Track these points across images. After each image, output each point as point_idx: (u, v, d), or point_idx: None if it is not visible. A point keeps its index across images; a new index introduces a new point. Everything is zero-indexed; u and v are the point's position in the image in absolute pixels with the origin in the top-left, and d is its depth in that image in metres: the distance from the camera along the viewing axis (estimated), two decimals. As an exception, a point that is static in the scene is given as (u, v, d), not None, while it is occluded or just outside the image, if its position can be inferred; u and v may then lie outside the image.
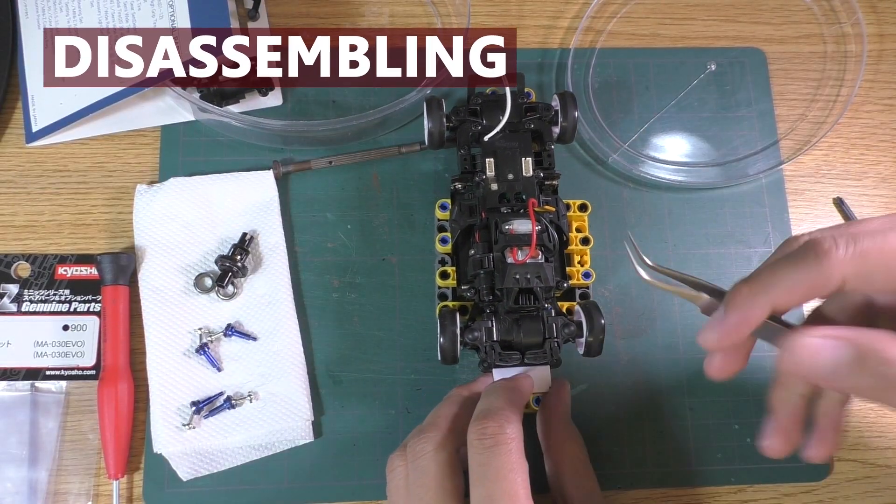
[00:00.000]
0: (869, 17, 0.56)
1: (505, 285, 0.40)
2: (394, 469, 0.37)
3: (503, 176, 0.43)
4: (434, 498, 0.35)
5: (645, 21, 0.55)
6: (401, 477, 0.37)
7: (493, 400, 0.36)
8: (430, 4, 0.53)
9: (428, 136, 0.45)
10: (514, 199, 0.42)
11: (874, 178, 0.52)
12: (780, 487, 0.45)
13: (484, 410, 0.36)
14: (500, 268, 0.40)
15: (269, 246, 0.46)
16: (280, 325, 0.45)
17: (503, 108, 0.44)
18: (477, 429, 0.35)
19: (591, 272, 0.46)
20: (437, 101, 0.45)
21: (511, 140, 0.44)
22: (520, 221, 0.41)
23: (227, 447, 0.43)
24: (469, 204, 0.44)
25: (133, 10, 0.47)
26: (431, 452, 0.36)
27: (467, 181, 0.44)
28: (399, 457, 0.38)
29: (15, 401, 0.43)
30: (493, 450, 0.34)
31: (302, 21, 0.52)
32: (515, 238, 0.40)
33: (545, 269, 0.40)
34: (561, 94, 0.46)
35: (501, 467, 0.33)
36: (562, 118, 0.45)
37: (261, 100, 0.49)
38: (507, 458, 0.34)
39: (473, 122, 0.45)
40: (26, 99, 0.48)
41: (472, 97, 0.46)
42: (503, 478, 0.33)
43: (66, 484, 0.42)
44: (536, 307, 0.40)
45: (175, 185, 0.46)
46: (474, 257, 0.42)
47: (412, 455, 0.36)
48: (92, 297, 0.45)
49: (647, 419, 0.46)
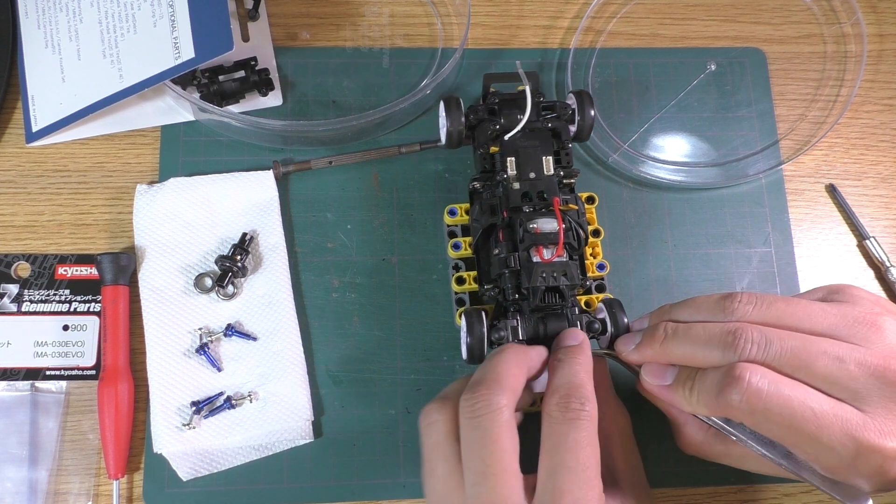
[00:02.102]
0: (869, 17, 0.56)
1: (532, 284, 0.40)
2: (433, 422, 0.36)
3: (525, 175, 0.43)
4: (492, 457, 0.33)
5: (645, 21, 0.55)
6: (443, 432, 0.35)
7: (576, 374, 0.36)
8: (430, 4, 0.53)
9: (446, 136, 0.45)
10: (537, 198, 0.42)
11: (874, 178, 0.53)
12: (780, 487, 0.45)
13: (569, 383, 0.35)
14: (526, 267, 0.40)
15: (269, 246, 0.46)
16: (280, 325, 0.45)
17: (522, 107, 0.44)
18: (560, 401, 0.34)
19: (606, 263, 0.46)
20: (455, 99, 0.45)
21: (531, 139, 0.44)
22: (545, 220, 0.41)
23: (227, 447, 0.43)
24: (490, 203, 0.43)
25: (133, 10, 0.47)
26: (494, 412, 0.34)
27: (487, 181, 0.44)
28: (438, 410, 0.36)
29: (15, 401, 0.43)
30: (576, 423, 0.33)
31: (302, 21, 0.52)
32: (541, 237, 0.40)
33: (571, 267, 0.40)
34: (577, 92, 0.45)
35: (583, 439, 0.33)
36: (579, 116, 0.45)
37: (261, 100, 0.49)
38: (589, 433, 0.33)
39: (492, 121, 0.45)
40: (26, 99, 0.48)
41: (489, 96, 0.46)
42: (583, 448, 0.33)
43: (66, 484, 0.42)
44: (562, 305, 0.41)
45: (175, 185, 0.46)
46: (499, 257, 0.42)
47: (470, 412, 0.34)
48: (92, 297, 0.45)
49: (647, 419, 0.46)
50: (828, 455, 0.33)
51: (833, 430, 0.32)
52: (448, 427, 0.35)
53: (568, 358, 0.37)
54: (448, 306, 0.47)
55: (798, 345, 0.34)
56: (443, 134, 0.46)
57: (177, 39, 0.46)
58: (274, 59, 0.50)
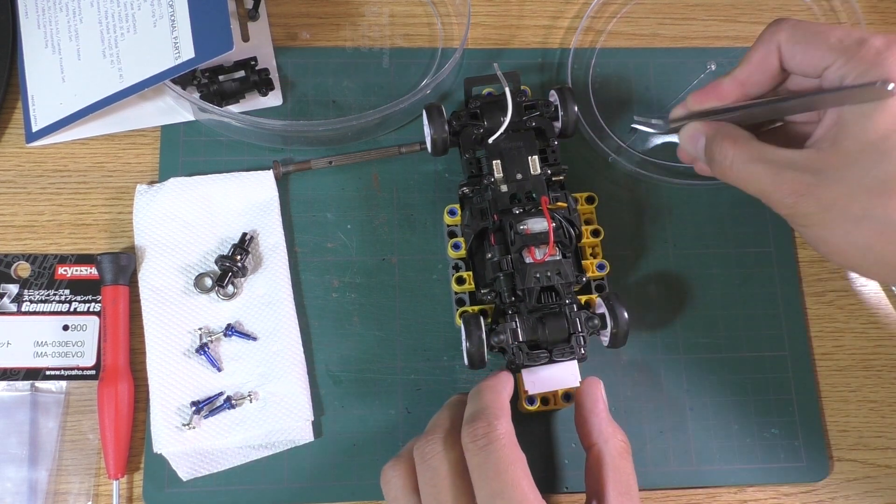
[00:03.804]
0: (869, 17, 0.56)
1: (526, 285, 0.40)
2: (389, 480, 0.37)
3: (512, 176, 0.43)
4: (448, 497, 0.35)
5: (645, 21, 0.55)
6: (399, 486, 0.37)
7: (478, 402, 0.37)
8: (430, 4, 0.53)
9: (431, 144, 0.45)
10: (526, 199, 0.42)
11: (874, 178, 0.52)
12: (780, 487, 0.45)
13: (472, 413, 0.36)
14: (519, 268, 0.41)
15: (269, 246, 0.46)
16: (280, 325, 0.45)
17: (504, 109, 0.44)
18: (468, 432, 0.35)
19: (606, 263, 0.46)
20: (437, 107, 0.45)
21: (515, 140, 0.44)
22: (534, 220, 0.41)
23: (227, 447, 0.43)
24: (480, 207, 0.44)
25: (133, 10, 0.47)
26: (442, 452, 0.36)
27: (475, 185, 0.44)
28: (392, 467, 0.38)
29: (15, 401, 0.43)
30: (487, 448, 0.34)
31: (302, 21, 0.52)
32: (532, 237, 0.41)
33: (564, 265, 0.40)
34: (559, 88, 0.46)
35: (499, 462, 0.34)
36: (562, 112, 0.45)
37: (261, 100, 0.49)
38: (502, 453, 0.34)
39: (475, 125, 0.45)
40: (26, 99, 0.48)
41: (471, 100, 0.46)
42: (503, 471, 0.34)
43: (66, 484, 0.42)
44: (559, 304, 0.41)
45: (175, 185, 0.46)
46: (492, 261, 0.42)
47: (421, 457, 0.36)
48: (92, 297, 0.45)
49: (647, 419, 0.46)
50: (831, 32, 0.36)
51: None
52: (403, 482, 0.37)
53: (475, 391, 0.39)
54: (448, 306, 0.47)
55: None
56: (428, 142, 0.46)
57: (177, 39, 0.46)
58: (274, 59, 0.50)
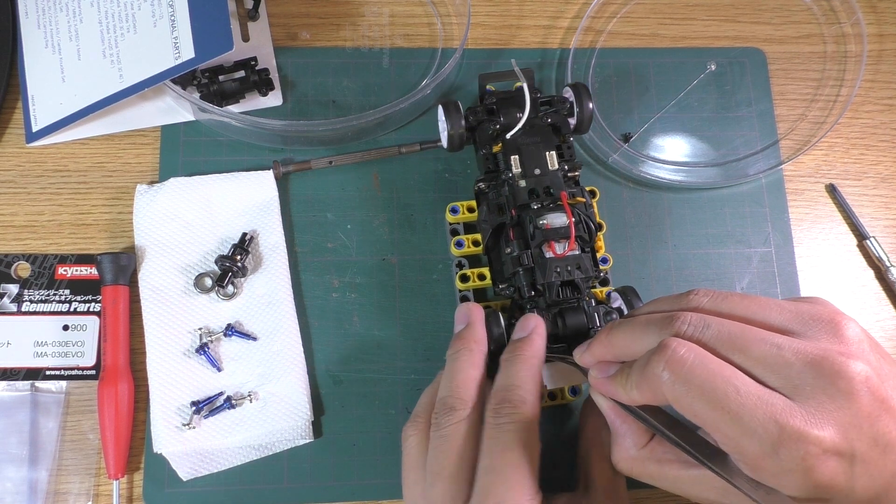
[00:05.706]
0: (869, 17, 0.56)
1: (547, 280, 0.40)
2: (408, 438, 0.38)
3: (530, 172, 0.43)
4: (452, 464, 0.35)
5: (645, 21, 0.55)
6: (414, 445, 0.38)
7: (514, 376, 0.37)
8: (430, 4, 0.53)
9: (448, 140, 0.45)
10: (544, 194, 0.43)
11: (874, 178, 0.53)
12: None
13: (505, 386, 0.37)
14: (539, 263, 0.41)
15: (269, 246, 0.46)
16: (280, 325, 0.45)
17: (520, 105, 0.44)
18: (493, 408, 0.36)
19: (608, 257, 0.46)
20: (454, 103, 0.45)
21: (532, 135, 0.44)
22: (554, 215, 0.41)
23: (227, 447, 0.43)
24: (497, 203, 0.44)
25: (133, 10, 0.47)
26: (455, 423, 0.36)
27: (492, 181, 0.45)
28: (413, 426, 0.38)
29: (15, 401, 0.43)
30: (505, 427, 0.35)
31: (302, 21, 0.52)
32: (552, 232, 0.41)
33: (584, 259, 0.41)
34: (574, 85, 0.46)
35: (511, 442, 0.34)
36: (578, 108, 0.45)
37: (261, 100, 0.49)
38: (518, 435, 0.35)
39: (491, 121, 0.45)
40: (26, 99, 0.48)
41: (487, 96, 0.46)
42: (510, 451, 0.34)
43: (66, 484, 0.42)
44: (577, 298, 0.41)
45: (175, 185, 0.46)
46: (511, 255, 0.42)
47: (437, 425, 0.37)
48: (92, 297, 0.45)
49: (647, 419, 0.46)
50: (749, 440, 0.30)
51: (756, 412, 0.29)
52: (418, 439, 0.38)
53: (511, 357, 0.38)
54: (448, 306, 0.47)
55: (737, 330, 0.32)
56: (444, 138, 0.46)
57: (177, 39, 0.46)
58: (274, 59, 0.50)
